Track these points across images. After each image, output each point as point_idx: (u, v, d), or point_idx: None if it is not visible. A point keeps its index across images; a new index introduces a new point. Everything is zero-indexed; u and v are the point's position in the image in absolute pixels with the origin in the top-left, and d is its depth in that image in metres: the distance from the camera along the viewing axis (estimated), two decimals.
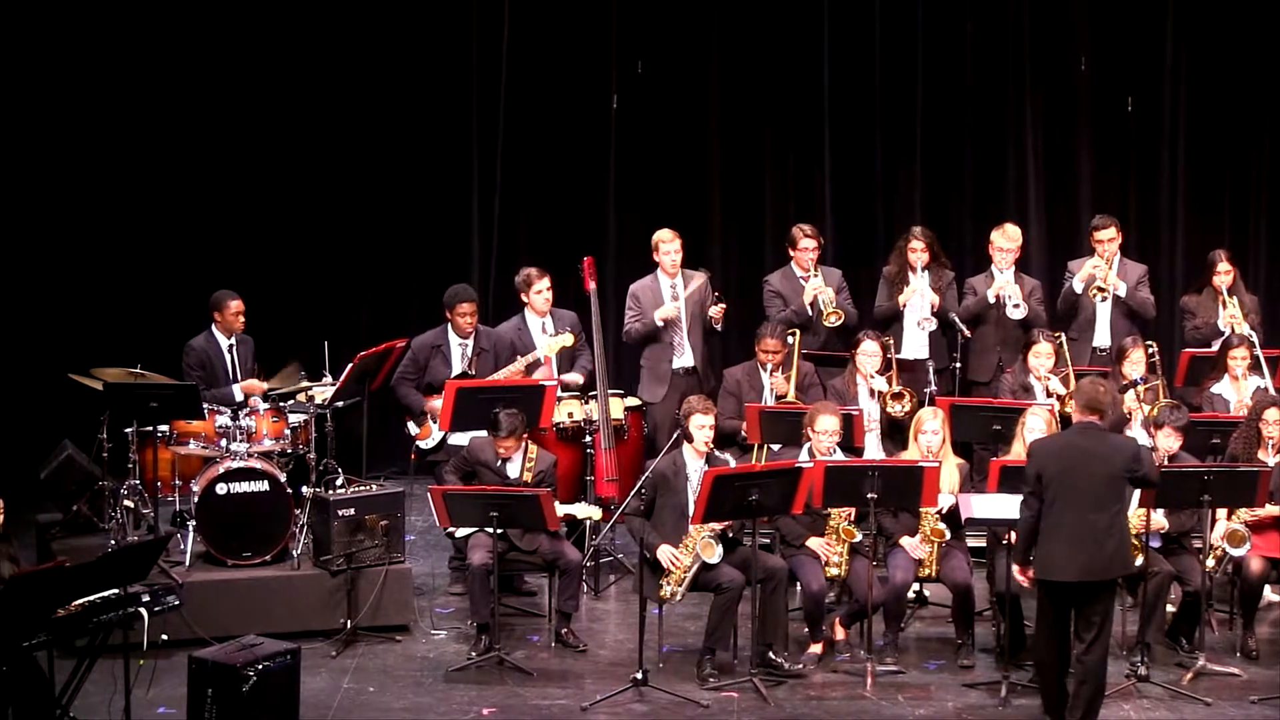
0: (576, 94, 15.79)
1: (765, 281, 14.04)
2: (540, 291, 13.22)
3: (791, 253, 13.81)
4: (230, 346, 12.95)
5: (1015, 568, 10.46)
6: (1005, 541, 11.04)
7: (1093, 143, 15.98)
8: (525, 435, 11.91)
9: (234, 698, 9.84)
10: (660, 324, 13.48)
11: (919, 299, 13.63)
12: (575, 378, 13.22)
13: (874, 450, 12.39)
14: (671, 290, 13.60)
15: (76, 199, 15.24)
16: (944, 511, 11.45)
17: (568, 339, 13.11)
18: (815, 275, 13.67)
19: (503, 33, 15.63)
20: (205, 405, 12.22)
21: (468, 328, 12.99)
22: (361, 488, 12.27)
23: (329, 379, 12.97)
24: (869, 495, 11.08)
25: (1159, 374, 12.90)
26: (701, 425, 11.40)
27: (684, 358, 13.60)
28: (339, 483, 12.39)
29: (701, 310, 13.60)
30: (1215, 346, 13.21)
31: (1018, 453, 11.45)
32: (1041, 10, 15.83)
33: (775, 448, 12.47)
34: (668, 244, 13.61)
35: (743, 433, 12.75)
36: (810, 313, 13.62)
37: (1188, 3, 15.80)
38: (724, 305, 13.60)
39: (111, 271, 15.27)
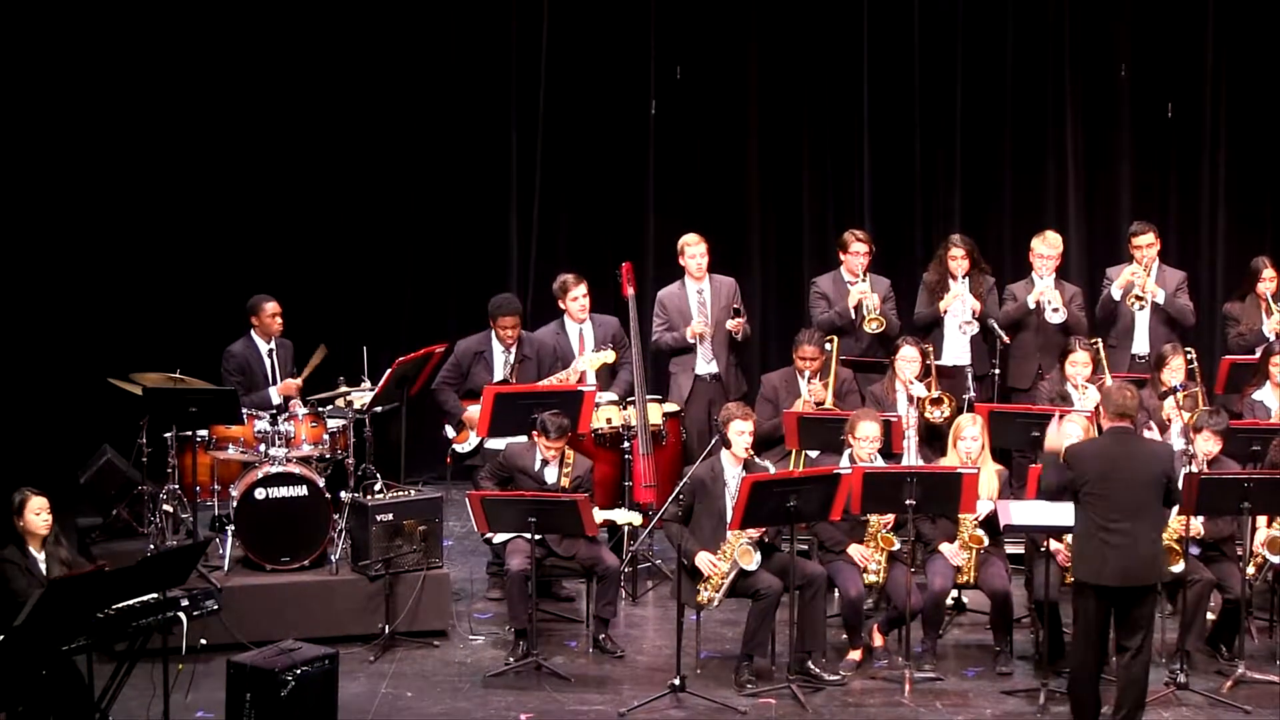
0: (615, 99, 15.78)
1: (813, 283, 13.96)
2: (576, 299, 13.19)
3: (842, 256, 13.72)
4: (270, 351, 12.98)
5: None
6: (1044, 549, 11.06)
7: (1133, 148, 15.91)
8: (567, 438, 11.93)
9: (272, 702, 9.87)
10: (693, 340, 13.45)
11: (960, 304, 13.55)
12: (612, 396, 13.18)
13: (912, 456, 12.36)
14: (699, 296, 13.54)
15: (116, 204, 15.27)
16: (983, 518, 11.44)
17: (609, 356, 13.00)
18: (863, 280, 13.62)
19: (542, 38, 15.63)
20: (244, 410, 12.25)
21: (509, 340, 12.95)
22: (400, 493, 12.29)
23: (368, 384, 12.99)
24: (907, 502, 11.08)
25: (1198, 381, 12.85)
26: (741, 432, 11.37)
27: (709, 364, 13.56)
28: (377, 488, 12.41)
29: (727, 317, 13.54)
30: (1258, 354, 13.16)
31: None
32: (1082, 16, 15.77)
33: (813, 454, 12.44)
34: (693, 248, 13.54)
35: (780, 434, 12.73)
36: (853, 315, 13.56)
37: (1228, 8, 15.73)
38: (741, 320, 13.51)
39: (151, 277, 15.30)
